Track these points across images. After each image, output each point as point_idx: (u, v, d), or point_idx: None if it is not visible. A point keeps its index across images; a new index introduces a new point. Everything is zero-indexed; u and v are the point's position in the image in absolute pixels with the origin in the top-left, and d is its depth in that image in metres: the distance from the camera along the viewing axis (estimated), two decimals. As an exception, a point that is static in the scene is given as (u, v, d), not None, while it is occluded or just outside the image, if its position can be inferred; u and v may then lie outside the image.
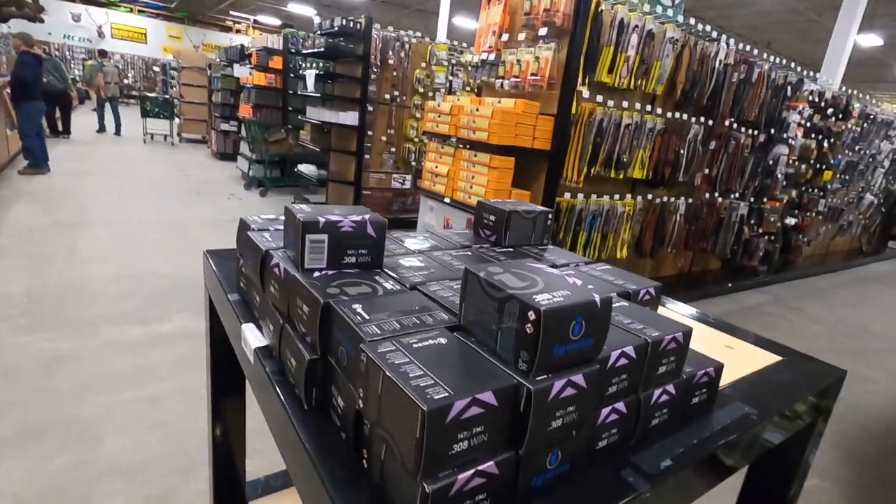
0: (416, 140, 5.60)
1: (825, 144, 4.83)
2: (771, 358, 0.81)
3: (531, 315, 0.41)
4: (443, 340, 0.46)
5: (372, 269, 0.63)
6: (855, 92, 5.04)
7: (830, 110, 4.70)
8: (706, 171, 3.92)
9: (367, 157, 5.22)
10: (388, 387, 0.39)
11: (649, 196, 3.69)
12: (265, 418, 0.64)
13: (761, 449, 0.67)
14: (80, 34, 16.12)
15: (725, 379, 0.67)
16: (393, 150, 5.61)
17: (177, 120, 9.66)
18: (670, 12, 3.23)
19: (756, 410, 0.65)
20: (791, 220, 4.87)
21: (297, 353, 0.54)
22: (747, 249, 4.51)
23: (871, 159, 5.66)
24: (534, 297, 0.42)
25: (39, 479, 1.76)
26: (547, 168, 3.03)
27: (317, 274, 0.58)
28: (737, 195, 4.27)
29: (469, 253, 0.76)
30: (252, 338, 0.67)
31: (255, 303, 0.71)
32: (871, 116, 5.32)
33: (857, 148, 5.37)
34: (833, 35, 5.68)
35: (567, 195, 3.27)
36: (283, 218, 0.70)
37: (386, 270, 0.63)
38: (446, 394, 0.37)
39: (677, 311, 0.94)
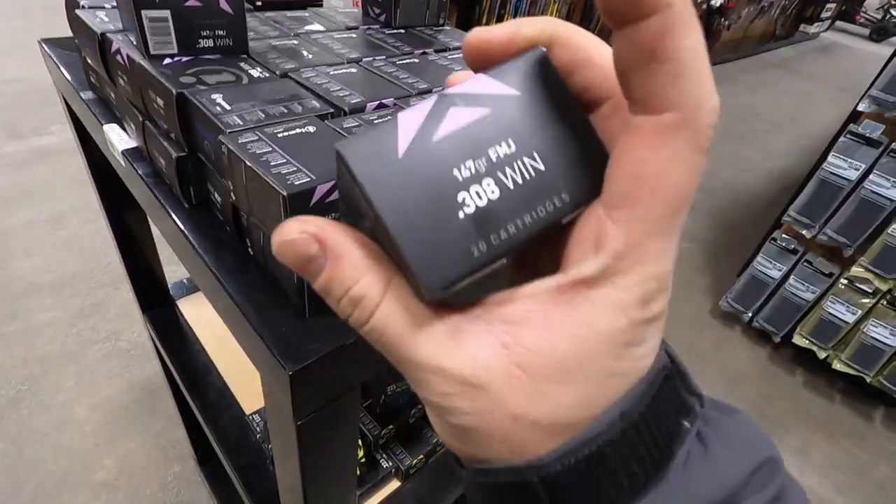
0: None
1: None
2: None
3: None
4: (311, 129, 0.44)
5: (236, 55, 0.55)
6: None
7: None
8: (643, -61, 3.54)
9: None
10: (251, 177, 0.39)
11: (580, -29, 3.36)
12: (152, 223, 0.63)
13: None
14: None
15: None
16: None
17: None
18: None
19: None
20: (717, 2, 4.73)
21: (164, 152, 0.51)
22: (671, 35, 4.44)
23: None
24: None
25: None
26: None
27: (167, 61, 0.51)
28: (670, -29, 3.99)
29: (354, 35, 0.68)
30: (117, 139, 0.61)
31: (112, 99, 0.63)
32: None
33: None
34: None
35: (490, -30, 2.90)
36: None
37: (253, 56, 0.56)
38: (308, 179, 0.37)
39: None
